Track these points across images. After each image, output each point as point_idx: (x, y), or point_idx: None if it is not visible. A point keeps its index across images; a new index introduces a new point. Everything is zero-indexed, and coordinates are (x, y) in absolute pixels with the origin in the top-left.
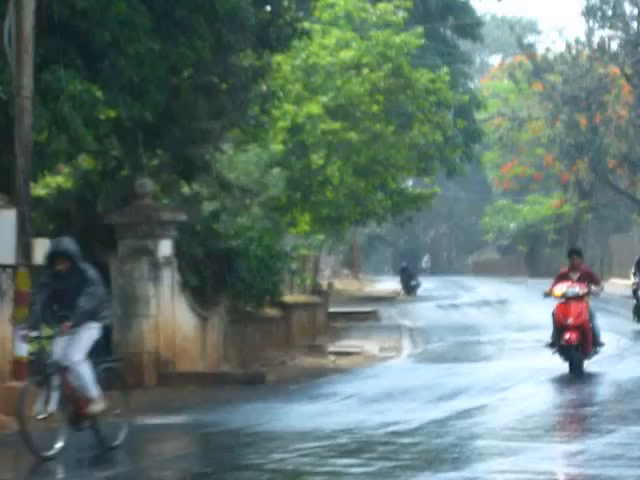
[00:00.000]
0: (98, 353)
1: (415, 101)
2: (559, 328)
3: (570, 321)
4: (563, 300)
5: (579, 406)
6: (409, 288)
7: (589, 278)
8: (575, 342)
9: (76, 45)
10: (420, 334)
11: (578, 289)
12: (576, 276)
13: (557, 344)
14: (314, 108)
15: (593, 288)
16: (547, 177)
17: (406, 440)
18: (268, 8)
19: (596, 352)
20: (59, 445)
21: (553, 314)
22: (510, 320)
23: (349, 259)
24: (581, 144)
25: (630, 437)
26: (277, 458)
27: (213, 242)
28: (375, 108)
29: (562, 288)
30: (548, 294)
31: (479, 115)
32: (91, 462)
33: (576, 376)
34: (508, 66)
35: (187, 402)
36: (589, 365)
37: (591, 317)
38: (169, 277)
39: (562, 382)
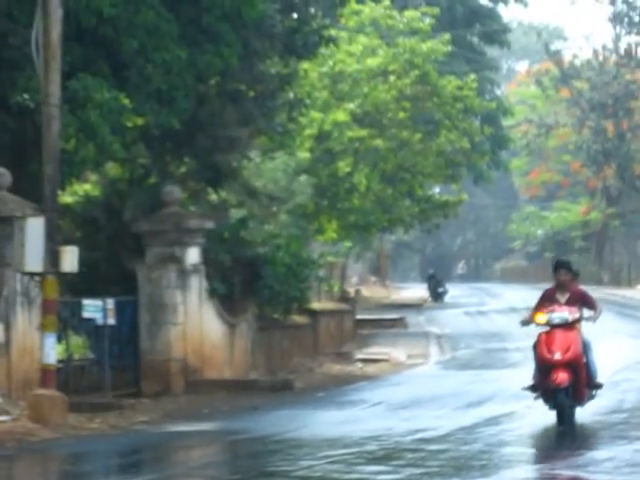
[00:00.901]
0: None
1: (442, 108)
2: (543, 366)
3: (557, 356)
4: (547, 329)
5: (607, 413)
6: (436, 295)
7: (582, 300)
8: (565, 384)
9: (103, 53)
10: (447, 341)
11: (567, 314)
12: (564, 298)
13: (540, 387)
14: (341, 115)
15: (586, 313)
16: (574, 184)
17: (434, 447)
18: (295, 15)
19: (592, 397)
20: None
21: (534, 347)
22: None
23: (376, 266)
24: (608, 151)
25: None
26: (305, 465)
27: (240, 249)
28: (402, 115)
29: (546, 313)
30: (527, 322)
31: (506, 122)
32: (120, 469)
33: (566, 428)
34: (535, 73)
35: (215, 409)
36: (616, 373)
37: (585, 350)
38: (197, 284)
39: None
